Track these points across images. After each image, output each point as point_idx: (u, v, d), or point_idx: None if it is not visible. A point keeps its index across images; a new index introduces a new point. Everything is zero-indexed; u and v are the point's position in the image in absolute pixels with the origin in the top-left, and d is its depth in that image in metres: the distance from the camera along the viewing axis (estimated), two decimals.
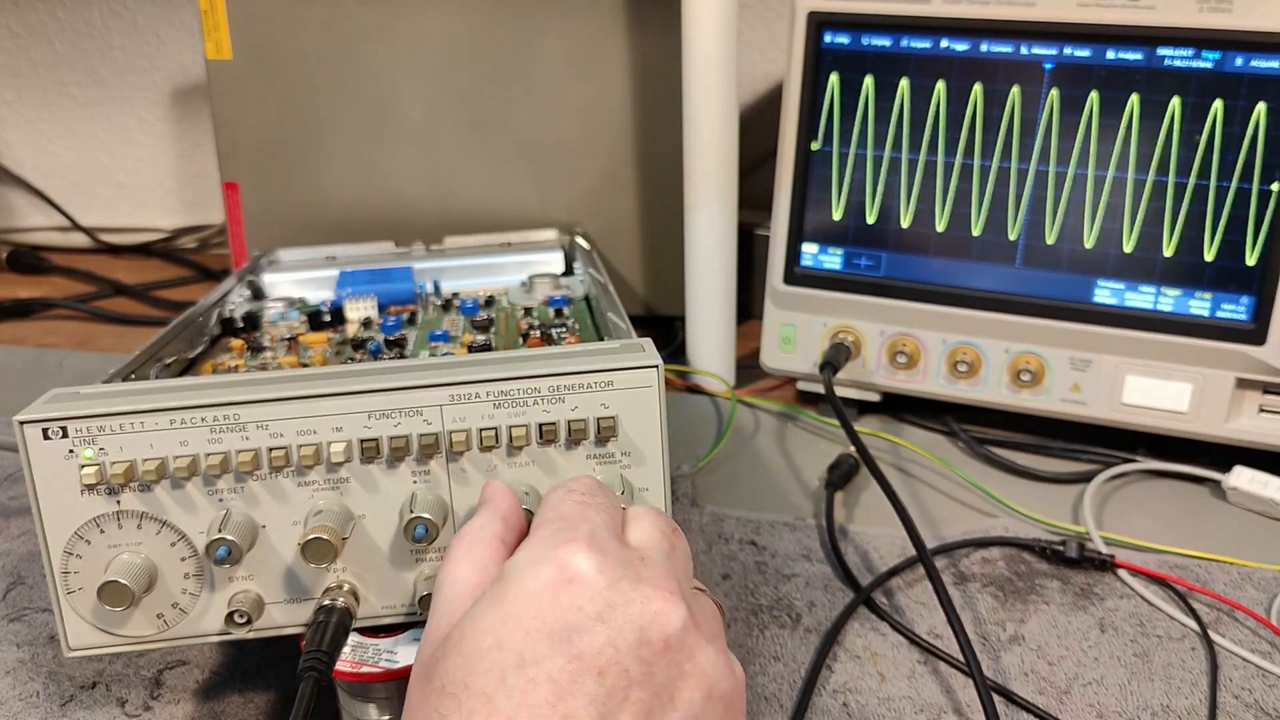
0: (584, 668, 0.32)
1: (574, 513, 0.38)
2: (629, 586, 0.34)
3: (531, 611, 0.33)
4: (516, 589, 0.34)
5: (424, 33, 0.88)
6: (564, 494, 0.39)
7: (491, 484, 0.43)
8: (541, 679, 0.32)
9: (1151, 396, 0.70)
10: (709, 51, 0.75)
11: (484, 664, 0.32)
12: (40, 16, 1.21)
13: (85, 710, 0.50)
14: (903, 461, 0.74)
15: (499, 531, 0.40)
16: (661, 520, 0.40)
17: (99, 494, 0.43)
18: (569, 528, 0.36)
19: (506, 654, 0.32)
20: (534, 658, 0.32)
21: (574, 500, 0.39)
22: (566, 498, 0.39)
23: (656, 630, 0.34)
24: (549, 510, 0.39)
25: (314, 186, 0.93)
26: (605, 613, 0.33)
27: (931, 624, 0.57)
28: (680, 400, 0.83)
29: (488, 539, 0.39)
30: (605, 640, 0.33)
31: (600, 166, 0.91)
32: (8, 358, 0.94)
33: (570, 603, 0.33)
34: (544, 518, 0.38)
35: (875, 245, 0.76)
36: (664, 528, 0.39)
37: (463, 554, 0.39)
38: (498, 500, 0.42)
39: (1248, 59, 0.64)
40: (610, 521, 0.38)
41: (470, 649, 0.33)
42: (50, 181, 1.26)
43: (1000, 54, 0.70)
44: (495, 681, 0.32)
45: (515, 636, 0.33)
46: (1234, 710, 0.50)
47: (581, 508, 0.38)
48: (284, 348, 0.63)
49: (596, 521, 0.37)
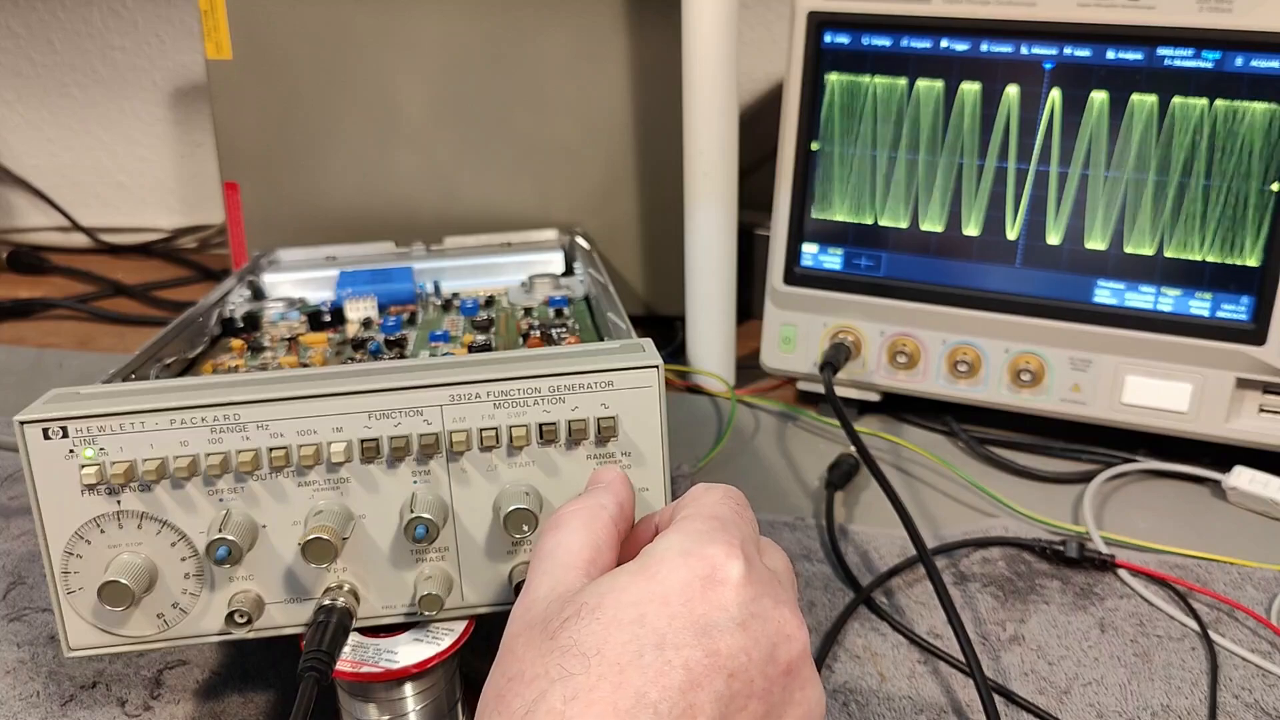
0: (718, 665, 0.33)
1: (728, 517, 0.38)
2: (770, 604, 0.35)
3: (681, 598, 0.34)
4: (668, 573, 0.35)
5: (424, 33, 0.88)
6: (721, 496, 0.40)
7: (609, 469, 0.44)
8: (678, 664, 0.32)
9: (1151, 396, 0.70)
10: (709, 51, 0.75)
11: (623, 635, 0.33)
12: (40, 16, 1.21)
13: (85, 710, 0.50)
14: (903, 461, 0.74)
15: (615, 515, 0.40)
16: (785, 557, 0.41)
17: (99, 494, 0.43)
18: (723, 529, 0.37)
19: (647, 631, 0.33)
20: (675, 643, 0.33)
21: (730, 505, 0.39)
22: (724, 500, 0.39)
23: (784, 652, 0.35)
24: (702, 507, 0.39)
25: (314, 186, 0.93)
26: (747, 621, 0.34)
27: (931, 624, 0.57)
28: (680, 400, 0.83)
29: (606, 519, 0.40)
30: (741, 646, 0.33)
31: (600, 166, 0.91)
32: (8, 358, 0.94)
33: (718, 601, 0.34)
34: (696, 512, 0.38)
35: (875, 245, 0.76)
36: (788, 563, 0.40)
37: (580, 526, 0.39)
38: (617, 487, 0.42)
39: (1248, 59, 0.64)
40: (754, 538, 0.39)
41: (609, 617, 0.33)
42: (50, 181, 1.26)
43: (1000, 54, 0.70)
44: (632, 654, 0.32)
45: (660, 618, 0.33)
46: (1234, 710, 0.50)
47: (735, 515, 0.38)
48: (284, 348, 0.63)
49: (746, 533, 0.38)
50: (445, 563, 0.46)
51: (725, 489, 0.40)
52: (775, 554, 0.40)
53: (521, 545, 0.46)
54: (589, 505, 0.40)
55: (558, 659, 0.33)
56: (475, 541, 0.46)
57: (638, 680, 0.32)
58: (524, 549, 0.46)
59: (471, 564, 0.46)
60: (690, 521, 0.37)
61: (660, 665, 0.32)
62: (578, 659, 0.33)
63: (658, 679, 0.32)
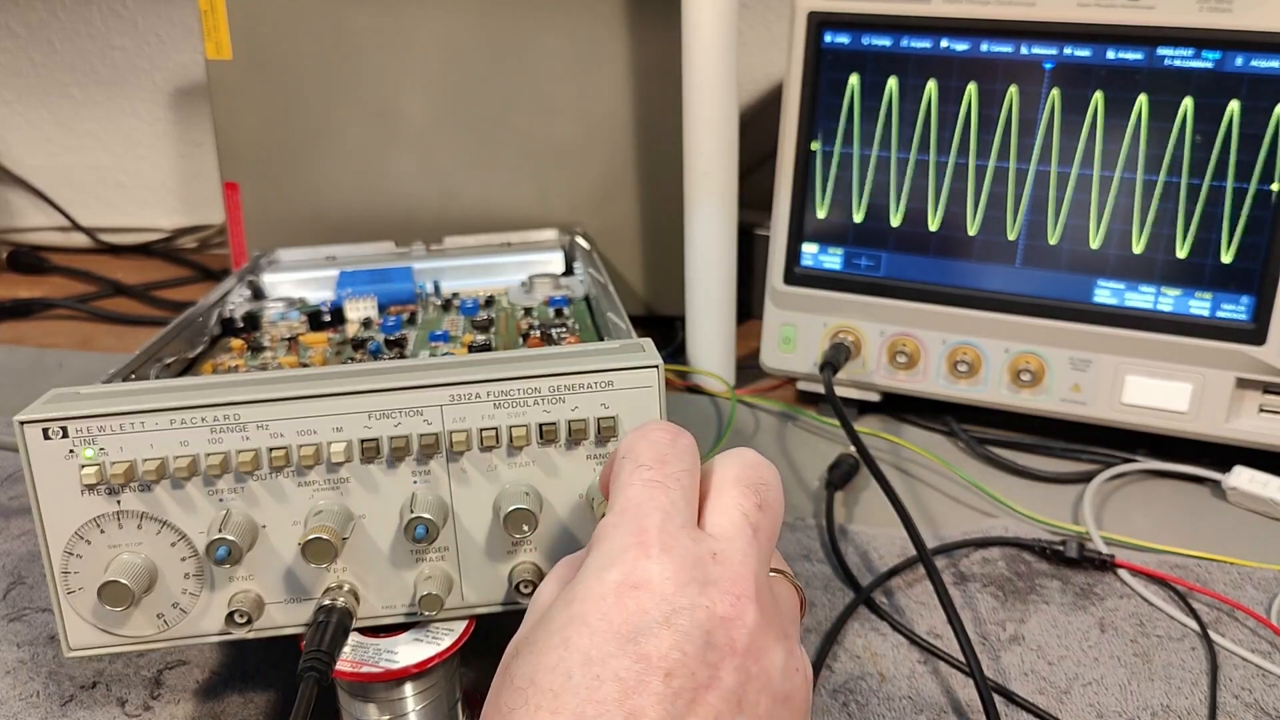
0: (650, 668, 0.32)
1: (642, 499, 0.36)
2: (696, 591, 0.34)
3: (598, 615, 0.33)
4: (584, 593, 0.34)
5: (424, 33, 0.88)
6: (633, 468, 0.37)
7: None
8: (607, 676, 0.32)
9: (1151, 396, 0.70)
10: (709, 51, 0.75)
11: (550, 660, 0.33)
12: (40, 16, 1.21)
13: (85, 710, 0.50)
14: (903, 461, 0.74)
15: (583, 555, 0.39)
16: (746, 495, 0.38)
17: (99, 494, 0.43)
18: (636, 521, 0.35)
19: (572, 652, 0.33)
20: (600, 656, 0.32)
21: (641, 479, 0.37)
22: (635, 474, 0.37)
23: (723, 635, 0.33)
24: (616, 496, 0.37)
25: (314, 186, 0.93)
26: (671, 617, 0.33)
27: (931, 624, 0.57)
28: (680, 400, 0.83)
29: (573, 560, 0.39)
30: (671, 644, 0.33)
31: (600, 166, 0.91)
32: (8, 358, 0.94)
33: (636, 607, 0.33)
34: (611, 505, 0.37)
35: (875, 245, 0.76)
36: (746, 505, 0.37)
37: (552, 574, 0.39)
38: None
39: (1248, 59, 0.64)
40: (684, 501, 0.36)
41: (540, 648, 0.34)
42: (50, 181, 1.26)
43: (1000, 54, 0.70)
44: (561, 678, 0.32)
45: (582, 637, 0.33)
46: (1234, 710, 0.50)
47: (649, 490, 0.36)
48: (284, 348, 0.63)
49: (667, 507, 0.36)
50: (445, 563, 0.46)
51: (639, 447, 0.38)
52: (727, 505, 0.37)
53: (521, 545, 0.46)
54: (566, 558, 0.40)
55: (507, 697, 0.33)
56: (475, 541, 0.46)
57: (572, 701, 0.32)
58: (524, 549, 0.46)
59: (471, 564, 0.46)
60: (605, 522, 0.36)
61: (590, 682, 0.32)
62: (517, 693, 0.33)
63: (590, 695, 0.32)
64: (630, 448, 0.39)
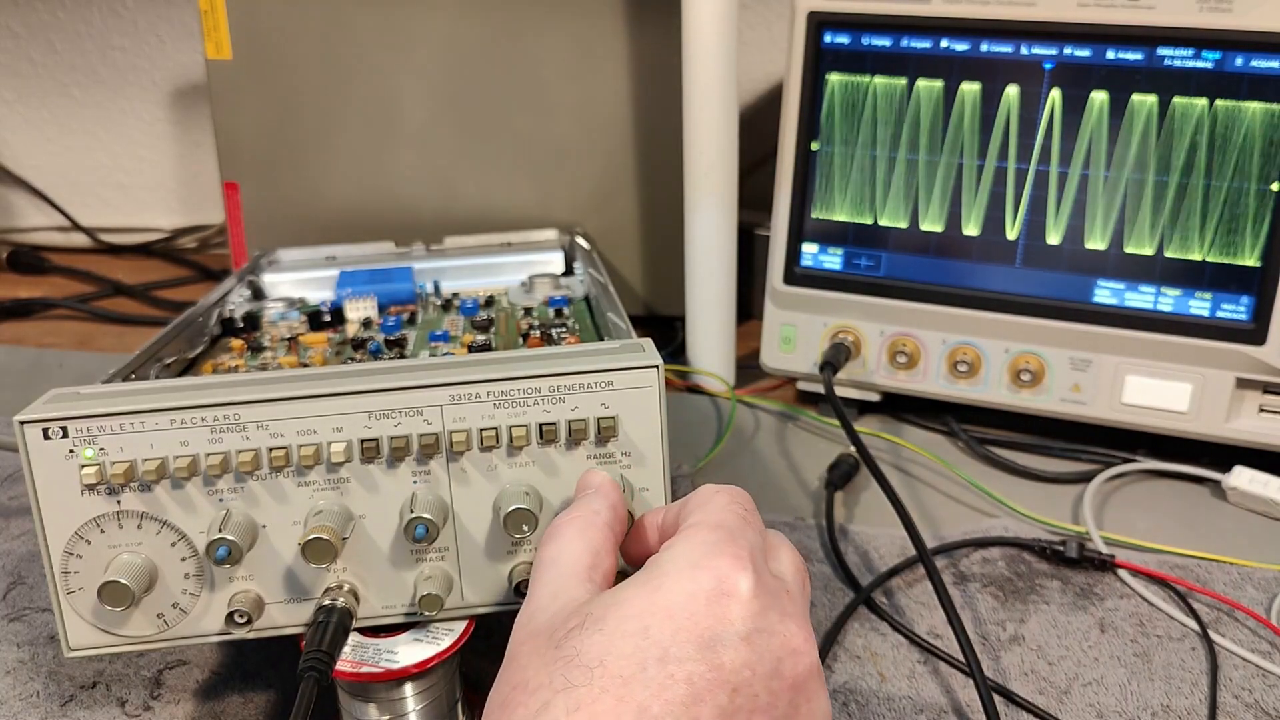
0: (721, 680, 0.33)
1: (735, 525, 0.37)
2: (776, 618, 0.35)
3: (685, 612, 0.34)
4: (673, 585, 0.34)
5: (424, 33, 0.88)
6: (728, 501, 0.39)
7: (596, 473, 0.44)
8: (680, 678, 0.32)
9: (1151, 396, 0.70)
10: (709, 51, 0.75)
11: (626, 647, 0.33)
12: (40, 16, 1.21)
13: (85, 710, 0.50)
14: (903, 461, 0.74)
15: (609, 519, 0.40)
16: (796, 555, 0.40)
17: (99, 494, 0.43)
18: (730, 540, 0.36)
19: (651, 644, 0.33)
20: (678, 656, 0.33)
21: (736, 512, 0.38)
22: (730, 505, 0.39)
23: (790, 666, 0.34)
24: (709, 514, 0.38)
25: (314, 186, 0.93)
26: (752, 635, 0.34)
27: (931, 624, 0.57)
28: (680, 400, 0.83)
29: (601, 525, 0.40)
30: (745, 661, 0.33)
31: (600, 166, 0.91)
32: (8, 358, 0.94)
33: (723, 615, 0.34)
34: (703, 520, 0.38)
35: (875, 245, 0.76)
36: (798, 563, 0.40)
37: (576, 534, 0.39)
38: (607, 490, 0.42)
39: (1248, 59, 0.64)
40: (762, 544, 0.38)
41: (613, 629, 0.33)
42: (50, 181, 1.26)
43: (1000, 54, 0.70)
44: (634, 667, 0.32)
45: (664, 631, 0.33)
46: (1234, 710, 0.50)
47: (742, 522, 0.38)
48: (284, 348, 0.63)
49: (754, 542, 0.37)
50: (445, 563, 0.46)
51: (732, 492, 0.40)
52: (784, 555, 0.40)
53: (521, 545, 0.46)
54: (583, 513, 0.40)
55: (562, 669, 0.33)
56: (475, 541, 0.46)
57: (640, 694, 0.32)
58: (524, 549, 0.46)
59: (471, 564, 0.46)
60: (697, 530, 0.37)
61: (663, 679, 0.32)
62: (581, 670, 0.32)
63: (660, 692, 0.32)
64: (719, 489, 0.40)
